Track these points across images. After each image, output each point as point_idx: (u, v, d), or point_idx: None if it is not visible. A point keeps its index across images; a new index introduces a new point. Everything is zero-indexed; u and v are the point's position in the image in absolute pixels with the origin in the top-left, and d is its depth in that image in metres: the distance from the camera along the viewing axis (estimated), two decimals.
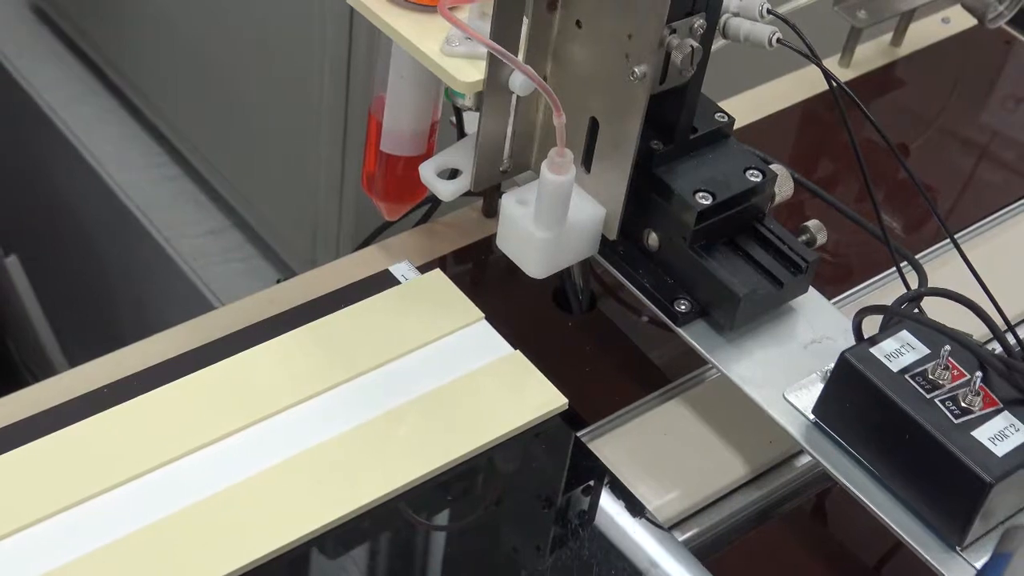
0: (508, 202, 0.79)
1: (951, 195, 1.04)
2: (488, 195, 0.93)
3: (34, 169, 2.07)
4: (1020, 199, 1.02)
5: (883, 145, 0.80)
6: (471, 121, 0.86)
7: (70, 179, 1.98)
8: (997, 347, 0.73)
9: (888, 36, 1.14)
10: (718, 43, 0.79)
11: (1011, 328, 0.79)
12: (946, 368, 0.71)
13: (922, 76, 1.13)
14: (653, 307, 0.80)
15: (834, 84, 0.80)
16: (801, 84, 1.06)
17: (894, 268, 0.83)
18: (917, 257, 0.82)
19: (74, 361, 1.99)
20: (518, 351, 0.83)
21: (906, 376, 0.71)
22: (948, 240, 0.83)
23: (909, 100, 1.11)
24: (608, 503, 0.78)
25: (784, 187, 0.82)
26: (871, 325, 0.75)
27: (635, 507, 0.77)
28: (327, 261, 0.91)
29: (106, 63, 2.08)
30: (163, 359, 0.80)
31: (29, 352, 2.02)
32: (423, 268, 0.88)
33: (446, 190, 0.85)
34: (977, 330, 0.73)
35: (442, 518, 0.79)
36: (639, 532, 0.76)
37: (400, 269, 0.88)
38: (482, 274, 0.93)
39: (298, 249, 1.78)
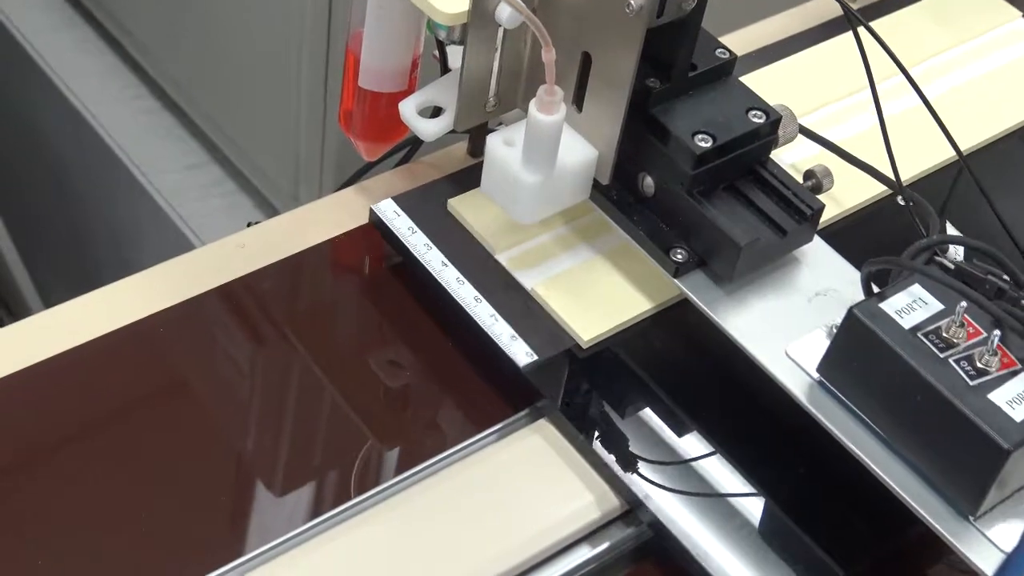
0: (494, 143, 0.75)
1: None
2: (474, 134, 0.89)
3: (7, 101, 2.04)
4: None
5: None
6: (455, 55, 0.82)
7: (44, 112, 1.95)
8: None
9: None
10: None
11: None
12: (961, 326, 0.67)
13: None
14: (648, 256, 0.77)
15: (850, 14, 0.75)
16: (806, 17, 1.02)
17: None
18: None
19: (48, 297, 1.96)
20: None
21: (918, 334, 0.67)
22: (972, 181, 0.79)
23: None
24: None
25: (789, 128, 0.79)
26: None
27: None
28: (310, 198, 0.87)
29: None
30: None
31: (2, 289, 1.99)
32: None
33: (428, 129, 0.81)
34: None
35: None
36: None
37: None
38: None
39: (280, 185, 1.75)
